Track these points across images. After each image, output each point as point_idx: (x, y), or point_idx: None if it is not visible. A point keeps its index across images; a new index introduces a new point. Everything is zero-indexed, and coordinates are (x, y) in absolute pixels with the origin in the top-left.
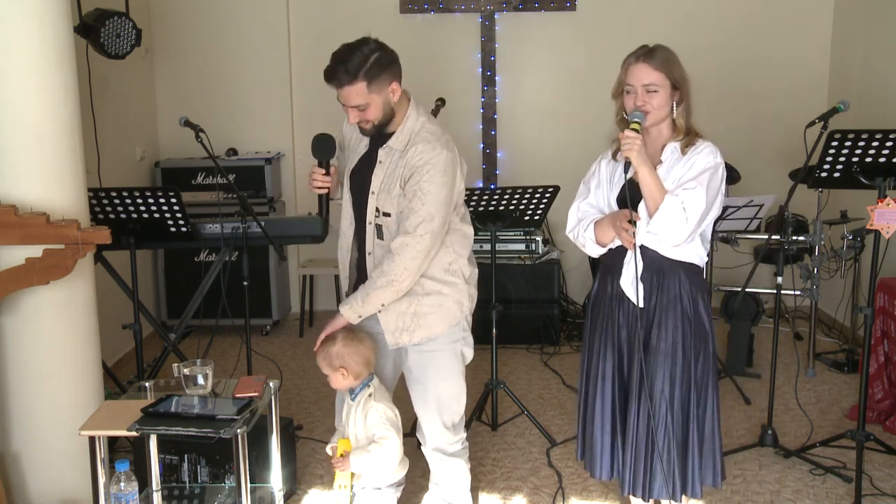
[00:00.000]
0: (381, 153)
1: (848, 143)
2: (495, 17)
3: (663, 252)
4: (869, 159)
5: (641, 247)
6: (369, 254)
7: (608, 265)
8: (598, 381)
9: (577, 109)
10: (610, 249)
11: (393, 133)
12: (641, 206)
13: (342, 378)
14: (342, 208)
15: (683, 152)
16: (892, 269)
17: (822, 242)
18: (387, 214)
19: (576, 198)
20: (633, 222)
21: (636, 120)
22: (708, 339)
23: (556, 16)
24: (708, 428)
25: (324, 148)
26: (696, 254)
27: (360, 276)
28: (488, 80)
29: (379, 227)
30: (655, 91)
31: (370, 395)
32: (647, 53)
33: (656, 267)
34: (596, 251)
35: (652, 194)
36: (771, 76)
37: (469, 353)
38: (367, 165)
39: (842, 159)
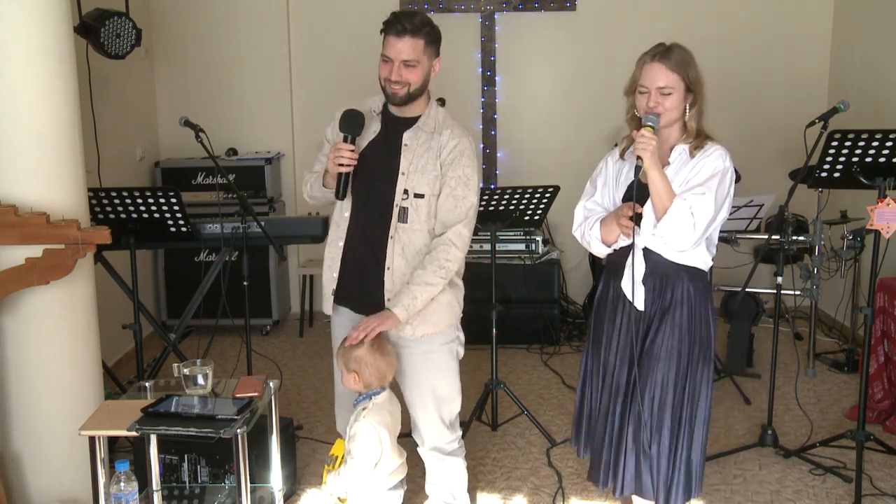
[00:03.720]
0: (408, 136)
1: (848, 143)
2: (495, 17)
3: (667, 256)
4: (869, 159)
5: (645, 250)
6: (391, 238)
7: (611, 266)
8: (594, 381)
9: (577, 109)
10: (615, 250)
11: (414, 118)
12: (648, 206)
13: (353, 382)
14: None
15: (692, 155)
16: (892, 269)
17: (822, 242)
18: (419, 196)
19: (582, 196)
20: (635, 218)
21: (650, 124)
22: (710, 345)
23: (556, 16)
24: (698, 436)
25: (354, 122)
26: (702, 258)
27: (344, 269)
28: (488, 80)
29: (404, 210)
30: (669, 93)
31: (364, 410)
32: (663, 53)
33: (660, 271)
34: (601, 250)
35: (661, 198)
36: (771, 76)
37: (461, 351)
38: (382, 148)
39: (842, 159)
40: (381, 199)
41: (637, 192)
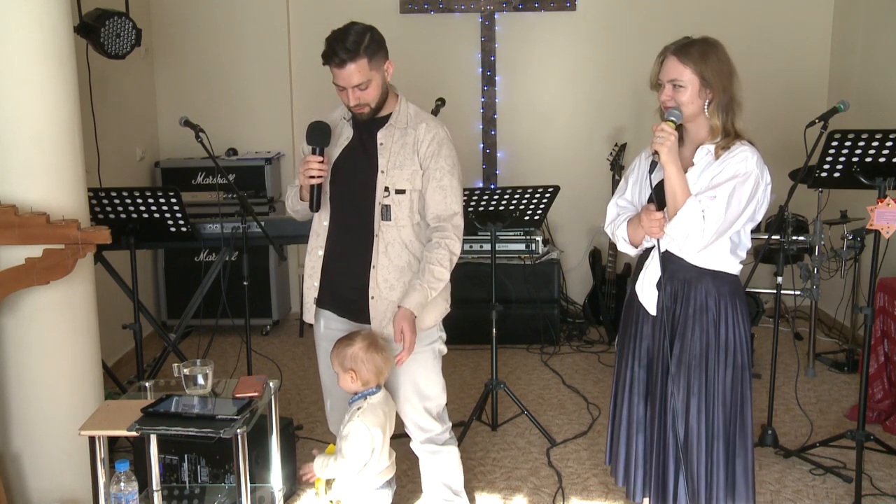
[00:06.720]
0: (381, 135)
1: (848, 143)
2: (495, 17)
3: (689, 259)
4: (869, 159)
5: (666, 253)
6: (376, 236)
7: (637, 269)
8: (626, 390)
9: (577, 109)
10: (644, 251)
11: (384, 116)
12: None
13: (350, 381)
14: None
15: (717, 155)
16: (892, 269)
17: (822, 242)
18: (400, 192)
19: (615, 192)
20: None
21: (671, 118)
22: (738, 351)
23: (556, 16)
24: (740, 445)
25: (321, 135)
26: (727, 261)
27: (327, 275)
28: (488, 80)
29: (386, 208)
30: (682, 87)
31: (359, 409)
32: (680, 47)
33: (682, 276)
34: (628, 250)
35: (674, 195)
36: (771, 76)
37: (444, 349)
38: (356, 152)
39: (842, 159)
40: (362, 200)
41: (659, 195)
